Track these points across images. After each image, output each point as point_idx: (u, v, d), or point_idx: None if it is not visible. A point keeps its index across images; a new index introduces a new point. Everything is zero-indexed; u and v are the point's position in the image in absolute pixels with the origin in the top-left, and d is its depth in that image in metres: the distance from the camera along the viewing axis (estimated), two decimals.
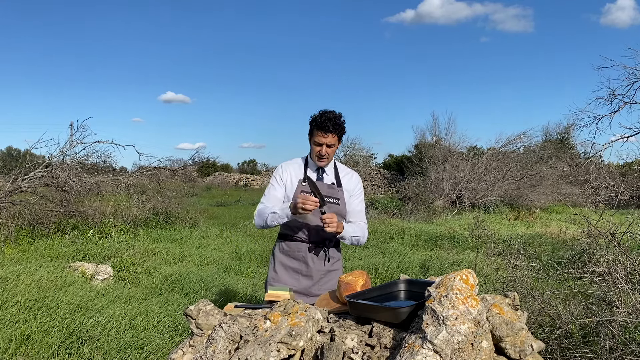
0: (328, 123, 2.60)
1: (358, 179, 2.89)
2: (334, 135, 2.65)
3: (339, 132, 2.67)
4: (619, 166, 15.34)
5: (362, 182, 2.92)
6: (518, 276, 3.87)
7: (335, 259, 2.80)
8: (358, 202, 2.83)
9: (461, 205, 17.27)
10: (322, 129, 2.61)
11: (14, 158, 17.05)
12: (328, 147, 2.67)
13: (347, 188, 2.79)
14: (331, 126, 2.60)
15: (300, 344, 1.53)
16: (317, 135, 2.65)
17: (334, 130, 2.63)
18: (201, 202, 17.38)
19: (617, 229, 3.73)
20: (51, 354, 3.50)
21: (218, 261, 7.51)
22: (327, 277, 2.76)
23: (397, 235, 10.28)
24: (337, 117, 2.64)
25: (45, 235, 8.47)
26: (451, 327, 1.36)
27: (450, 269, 6.58)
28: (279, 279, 2.74)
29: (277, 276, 2.76)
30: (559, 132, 31.01)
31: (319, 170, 2.78)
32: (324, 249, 2.74)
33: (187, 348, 1.66)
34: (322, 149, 2.67)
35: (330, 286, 2.73)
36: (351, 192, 2.81)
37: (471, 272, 1.55)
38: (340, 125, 2.65)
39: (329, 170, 2.81)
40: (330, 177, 2.79)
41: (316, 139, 2.66)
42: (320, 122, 2.60)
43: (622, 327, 2.87)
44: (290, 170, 2.78)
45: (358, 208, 2.82)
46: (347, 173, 2.87)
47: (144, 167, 11.82)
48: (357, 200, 2.83)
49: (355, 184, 2.84)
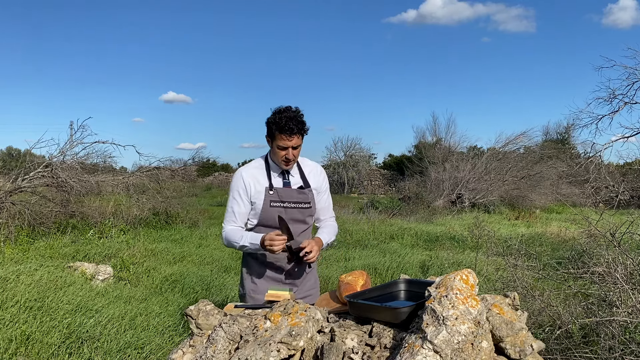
0: (291, 124, 2.35)
1: (322, 172, 2.71)
2: (299, 135, 2.41)
3: (303, 132, 2.44)
4: (619, 166, 15.35)
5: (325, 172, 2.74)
6: (518, 276, 3.87)
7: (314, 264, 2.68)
8: (326, 198, 2.70)
9: (461, 205, 17.26)
10: (286, 131, 2.35)
11: (14, 158, 17.07)
12: (294, 149, 2.44)
13: (315, 186, 2.62)
14: (295, 127, 2.36)
15: (300, 344, 1.53)
16: (280, 139, 2.39)
17: (299, 131, 2.39)
18: (201, 202, 17.37)
19: (617, 229, 3.73)
20: (51, 354, 3.50)
21: (218, 261, 7.51)
22: (305, 278, 2.68)
23: (397, 235, 10.28)
24: (298, 115, 2.40)
25: (45, 235, 8.47)
26: (451, 327, 1.36)
27: (450, 269, 6.57)
28: (259, 290, 2.57)
29: (257, 287, 2.60)
30: (559, 132, 31.03)
31: (284, 174, 2.58)
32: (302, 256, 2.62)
33: (187, 348, 1.66)
34: (288, 153, 2.43)
35: (309, 287, 2.68)
36: (319, 189, 2.64)
37: (471, 272, 1.55)
38: (303, 123, 2.42)
39: (294, 171, 2.61)
40: (297, 178, 2.60)
41: (280, 143, 2.40)
42: (283, 125, 2.35)
43: (622, 327, 2.87)
44: (250, 180, 2.53)
45: (326, 204, 2.69)
46: (312, 169, 2.67)
47: (144, 167, 11.82)
48: (324, 196, 2.68)
49: (321, 179, 2.67)
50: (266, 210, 2.52)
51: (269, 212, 2.52)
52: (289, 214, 2.52)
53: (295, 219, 2.55)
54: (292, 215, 2.53)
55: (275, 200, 2.51)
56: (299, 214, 2.56)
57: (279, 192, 2.52)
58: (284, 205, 2.52)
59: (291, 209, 2.54)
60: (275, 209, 2.51)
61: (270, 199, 2.51)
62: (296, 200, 2.53)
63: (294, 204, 2.54)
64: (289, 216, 2.51)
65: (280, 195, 2.52)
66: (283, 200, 2.52)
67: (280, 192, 2.52)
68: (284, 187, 2.55)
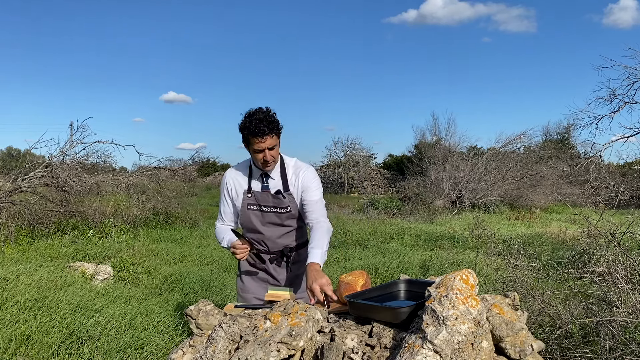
0: (261, 126, 2.35)
1: (309, 171, 2.62)
2: (272, 135, 2.40)
3: (277, 131, 2.43)
4: (619, 166, 15.35)
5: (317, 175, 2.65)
6: (518, 276, 3.87)
7: (301, 262, 2.60)
8: (313, 192, 2.58)
9: (461, 205, 17.27)
10: (258, 134, 2.35)
11: (14, 158, 17.08)
12: (270, 150, 2.43)
13: (295, 190, 2.57)
14: (266, 128, 2.35)
15: (300, 344, 1.53)
16: (254, 142, 2.39)
17: (271, 131, 2.38)
18: (201, 202, 17.37)
19: (617, 229, 3.73)
20: (51, 354, 3.50)
21: (218, 261, 7.51)
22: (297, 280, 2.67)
23: (397, 235, 10.28)
24: (268, 115, 2.39)
25: (45, 235, 8.47)
26: (451, 327, 1.36)
27: (450, 269, 6.57)
28: (247, 289, 2.67)
29: (245, 286, 2.68)
30: (559, 132, 31.02)
31: (263, 178, 2.57)
32: (284, 258, 2.64)
33: (187, 348, 1.66)
34: (265, 155, 2.43)
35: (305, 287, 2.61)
36: (304, 187, 2.57)
37: (471, 272, 1.55)
38: (274, 122, 2.40)
39: (275, 173, 2.57)
40: (277, 182, 2.57)
41: (255, 147, 2.40)
42: (254, 128, 2.35)
43: (622, 327, 2.87)
44: (233, 182, 2.61)
45: (314, 198, 2.57)
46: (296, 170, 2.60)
47: (144, 167, 11.83)
48: (312, 192, 2.58)
49: (305, 179, 2.58)
50: (244, 212, 2.59)
51: (246, 215, 2.59)
52: (266, 218, 2.58)
53: (273, 222, 2.60)
54: (269, 219, 2.59)
55: (253, 204, 2.56)
56: (276, 217, 2.58)
57: (256, 196, 2.56)
58: (261, 208, 2.57)
59: (267, 213, 2.57)
60: (252, 212, 2.58)
61: (248, 202, 2.57)
62: (272, 205, 2.56)
63: (270, 208, 2.57)
64: (267, 219, 2.58)
65: (257, 199, 2.57)
66: (260, 204, 2.57)
67: (258, 195, 2.56)
68: (262, 191, 2.57)
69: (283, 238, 2.64)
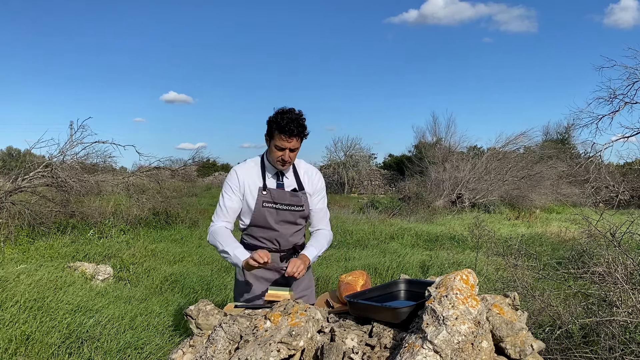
0: (292, 126, 2.35)
1: (319, 176, 2.68)
2: (298, 138, 2.41)
3: (303, 135, 2.44)
4: (619, 166, 15.34)
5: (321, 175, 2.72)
6: (518, 276, 3.87)
7: None
8: (319, 200, 2.66)
9: (461, 205, 17.27)
10: (286, 132, 2.35)
11: (14, 158, 17.08)
12: (291, 152, 2.43)
13: (309, 190, 2.61)
14: (296, 129, 2.36)
15: (300, 344, 1.53)
16: (279, 139, 2.38)
17: (299, 134, 2.39)
18: (201, 202, 17.36)
19: (617, 229, 3.73)
20: (51, 354, 3.50)
21: (218, 261, 7.50)
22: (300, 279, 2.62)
23: (397, 235, 10.28)
24: (301, 118, 2.40)
25: (45, 235, 8.47)
26: (451, 327, 1.36)
27: (451, 269, 6.57)
28: (253, 291, 2.61)
29: (250, 288, 2.63)
30: (559, 132, 31.05)
31: (279, 176, 2.57)
32: (296, 255, 2.59)
33: (187, 348, 1.66)
34: (284, 154, 2.42)
35: (304, 287, 2.67)
36: (312, 191, 2.63)
37: (471, 272, 1.55)
38: (304, 127, 2.42)
39: (289, 173, 2.59)
40: (291, 180, 2.59)
41: (278, 143, 2.39)
42: (284, 125, 2.34)
43: (622, 327, 2.87)
44: (246, 178, 2.54)
45: (320, 205, 2.65)
46: (307, 171, 2.65)
47: (144, 167, 11.83)
48: (318, 198, 2.65)
49: (316, 181, 2.64)
50: (258, 210, 2.54)
51: (261, 213, 2.54)
52: (280, 216, 2.55)
53: (287, 220, 2.58)
54: (283, 217, 2.56)
55: (268, 201, 2.53)
56: (291, 215, 2.58)
57: (272, 193, 2.53)
58: (276, 206, 2.54)
59: (282, 211, 2.55)
60: (267, 209, 2.54)
61: (263, 199, 2.52)
62: (289, 203, 2.54)
63: (286, 206, 2.55)
64: (281, 217, 2.55)
65: (273, 197, 2.53)
66: (275, 202, 2.54)
67: (274, 193, 2.54)
68: (278, 189, 2.56)
69: (294, 236, 2.64)
